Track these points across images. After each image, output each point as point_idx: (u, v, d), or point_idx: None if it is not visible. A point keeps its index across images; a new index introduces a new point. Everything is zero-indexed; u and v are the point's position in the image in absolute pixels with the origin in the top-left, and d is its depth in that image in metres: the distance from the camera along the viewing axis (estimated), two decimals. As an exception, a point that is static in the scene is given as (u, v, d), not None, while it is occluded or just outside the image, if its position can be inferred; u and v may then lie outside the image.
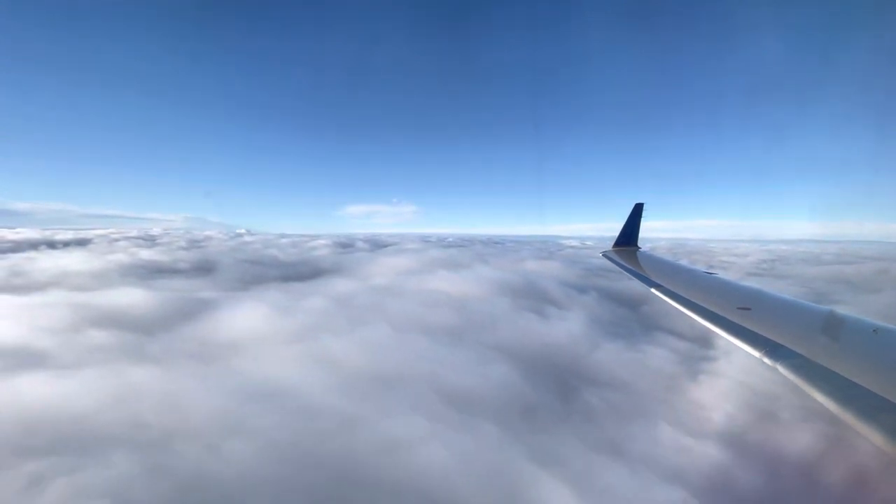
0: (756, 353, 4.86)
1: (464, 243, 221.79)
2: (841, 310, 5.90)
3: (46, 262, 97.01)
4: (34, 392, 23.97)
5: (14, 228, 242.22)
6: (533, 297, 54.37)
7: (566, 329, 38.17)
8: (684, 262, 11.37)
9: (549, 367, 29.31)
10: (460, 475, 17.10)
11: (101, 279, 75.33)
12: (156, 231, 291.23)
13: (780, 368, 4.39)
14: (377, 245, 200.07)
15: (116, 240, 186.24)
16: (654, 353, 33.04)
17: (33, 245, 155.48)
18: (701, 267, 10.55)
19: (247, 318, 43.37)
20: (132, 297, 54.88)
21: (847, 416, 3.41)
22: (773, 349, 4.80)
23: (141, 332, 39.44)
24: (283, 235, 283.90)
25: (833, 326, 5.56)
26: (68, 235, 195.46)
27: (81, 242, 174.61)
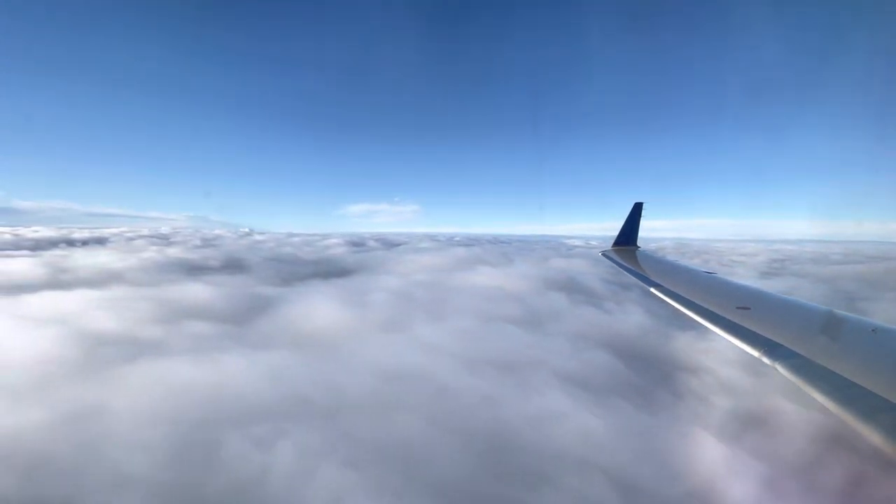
0: (755, 353, 4.87)
1: (473, 242, 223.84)
2: (840, 310, 5.97)
3: (83, 260, 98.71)
4: (182, 375, 26.15)
5: (30, 227, 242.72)
6: (583, 292, 56.87)
7: (635, 322, 40.62)
8: (684, 261, 11.22)
9: (639, 354, 31.70)
10: (619, 444, 19.43)
11: (152, 275, 77.32)
12: (164, 230, 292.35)
13: (780, 368, 4.39)
14: (389, 244, 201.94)
15: (132, 238, 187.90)
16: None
17: (53, 243, 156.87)
18: (704, 267, 10.44)
19: (325, 310, 45.59)
20: (200, 292, 57.06)
21: (846, 416, 3.40)
22: (772, 349, 4.82)
23: (230, 322, 41.63)
24: (291, 234, 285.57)
25: (832, 326, 5.61)
26: (84, 234, 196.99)
27: (99, 241, 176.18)
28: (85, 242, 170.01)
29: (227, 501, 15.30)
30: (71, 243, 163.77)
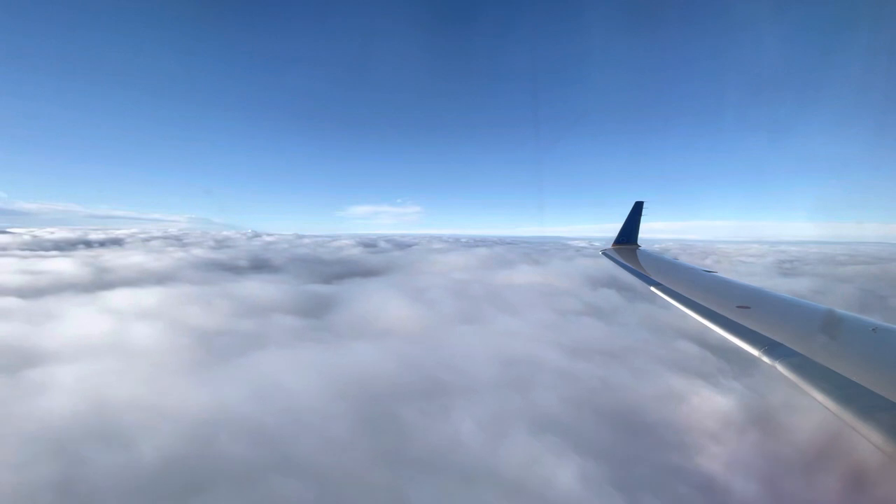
0: (755, 352, 4.87)
1: (482, 243, 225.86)
2: (840, 309, 6.01)
3: (118, 260, 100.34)
4: (317, 361, 28.21)
5: (44, 228, 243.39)
6: (629, 288, 59.13)
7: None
8: (683, 260, 11.49)
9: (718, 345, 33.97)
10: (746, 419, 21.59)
11: (200, 274, 79.13)
12: (173, 231, 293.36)
13: (779, 367, 4.41)
14: (400, 245, 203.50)
15: (147, 240, 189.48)
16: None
17: (72, 244, 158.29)
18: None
19: (394, 305, 47.69)
20: (261, 289, 58.93)
21: (846, 416, 3.42)
22: (772, 348, 4.82)
23: (310, 316, 43.60)
24: (299, 236, 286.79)
25: (832, 325, 5.63)
26: (100, 235, 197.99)
27: (116, 241, 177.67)
28: (102, 243, 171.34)
29: (431, 461, 17.39)
30: (89, 244, 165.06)
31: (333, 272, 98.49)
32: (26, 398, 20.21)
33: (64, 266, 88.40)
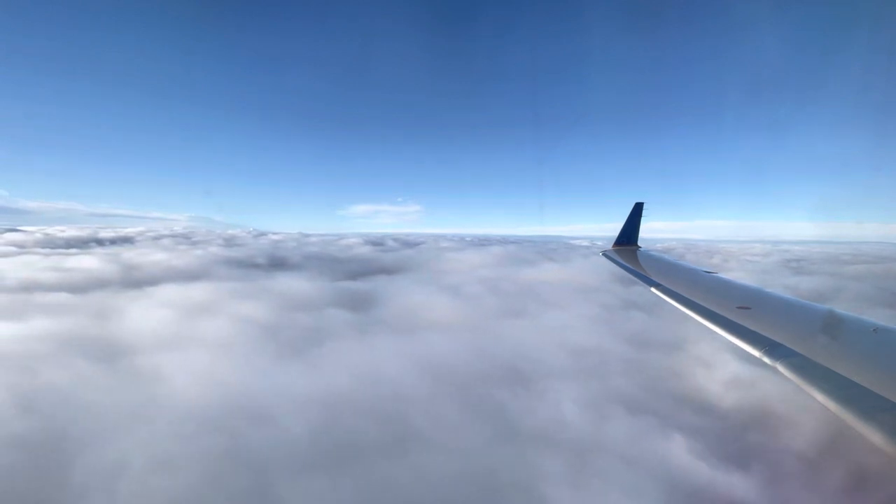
0: (756, 353, 4.89)
1: (488, 242, 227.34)
2: (840, 309, 6.03)
3: (142, 258, 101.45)
4: (394, 351, 29.76)
5: (54, 226, 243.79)
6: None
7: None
8: (683, 261, 11.70)
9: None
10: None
11: (228, 271, 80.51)
12: (178, 229, 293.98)
13: (780, 368, 4.42)
14: (408, 244, 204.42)
15: (156, 238, 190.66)
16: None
17: (84, 242, 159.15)
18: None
19: (436, 300, 49.28)
20: (297, 285, 60.47)
21: (847, 416, 3.44)
22: (772, 348, 4.83)
23: (358, 310, 45.09)
24: (304, 235, 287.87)
25: (833, 326, 5.64)
26: (110, 234, 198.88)
27: (126, 239, 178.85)
28: (114, 241, 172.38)
29: (548, 437, 18.98)
30: (101, 242, 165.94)
31: (355, 270, 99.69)
32: (151, 384, 21.69)
33: (90, 263, 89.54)
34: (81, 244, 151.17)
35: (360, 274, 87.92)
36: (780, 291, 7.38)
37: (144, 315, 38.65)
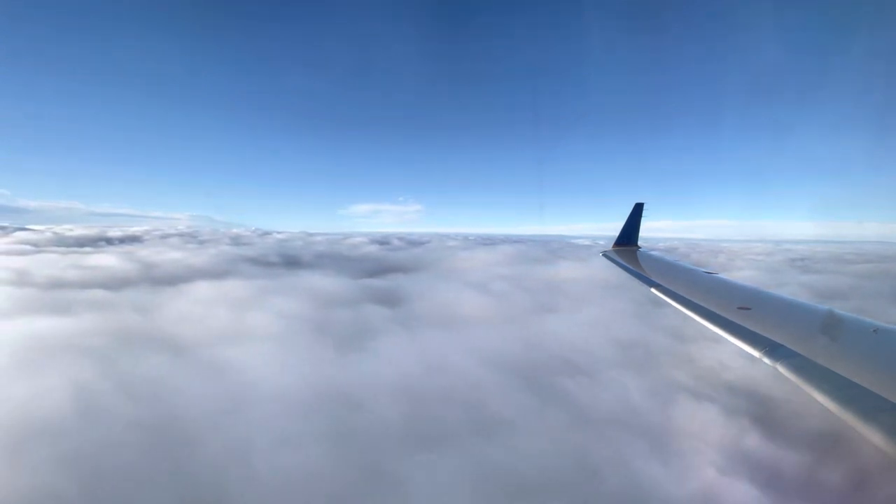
0: (756, 353, 4.89)
1: (493, 241, 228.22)
2: (840, 310, 6.03)
3: (158, 256, 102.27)
4: (453, 344, 30.78)
5: (62, 225, 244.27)
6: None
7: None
8: (683, 261, 11.68)
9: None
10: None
11: (253, 269, 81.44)
12: (182, 228, 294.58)
13: (780, 368, 4.43)
14: (414, 243, 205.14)
15: (164, 237, 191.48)
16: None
17: (93, 241, 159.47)
18: (708, 267, 10.57)
19: (465, 296, 50.35)
20: (325, 282, 61.46)
21: (847, 416, 3.45)
22: (772, 349, 4.83)
23: (393, 306, 46.10)
24: (308, 234, 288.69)
25: (833, 326, 5.63)
26: (118, 233, 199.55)
27: (134, 238, 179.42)
28: (122, 240, 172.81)
29: (623, 421, 20.03)
30: (110, 241, 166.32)
31: (372, 268, 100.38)
32: (235, 373, 22.70)
33: (110, 261, 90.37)
34: (91, 243, 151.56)
35: (378, 272, 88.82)
36: (781, 292, 7.34)
37: (193, 310, 39.62)
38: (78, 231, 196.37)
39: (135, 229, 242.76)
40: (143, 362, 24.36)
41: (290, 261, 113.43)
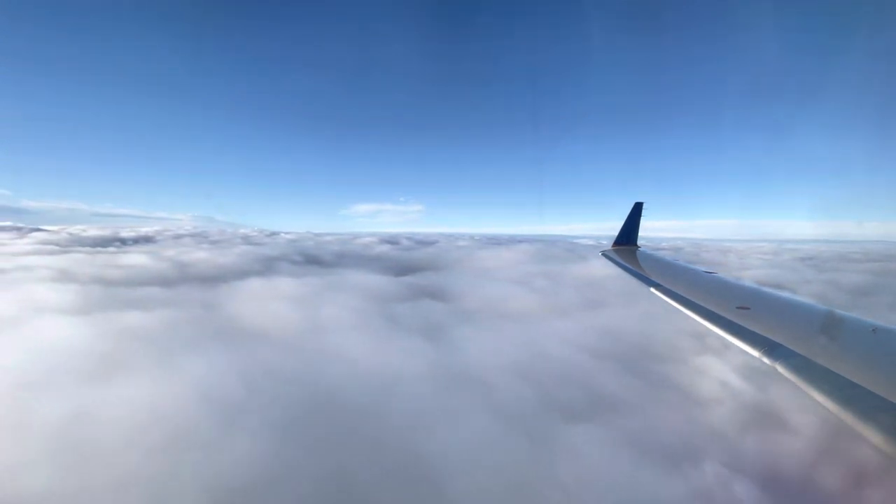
0: (755, 353, 4.90)
1: (499, 241, 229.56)
2: (840, 309, 6.03)
3: (183, 256, 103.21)
4: (525, 335, 32.40)
5: (75, 225, 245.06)
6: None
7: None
8: (683, 261, 11.67)
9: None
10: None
11: (290, 268, 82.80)
12: (189, 228, 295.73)
13: (780, 368, 4.43)
14: (423, 243, 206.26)
15: (176, 237, 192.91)
16: None
17: (109, 241, 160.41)
18: (702, 266, 10.62)
19: (512, 293, 51.98)
20: (365, 280, 62.97)
21: (846, 416, 3.44)
22: (772, 349, 4.84)
23: (445, 301, 47.62)
24: (315, 234, 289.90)
25: (832, 326, 5.62)
26: (131, 233, 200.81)
27: (148, 239, 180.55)
28: (136, 241, 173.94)
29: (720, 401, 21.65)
30: (124, 241, 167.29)
31: (399, 267, 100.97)
32: (360, 361, 24.30)
33: (143, 261, 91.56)
34: (107, 243, 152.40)
35: (408, 270, 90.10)
36: (780, 291, 7.32)
37: (269, 305, 41.09)
38: (92, 231, 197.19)
39: (145, 230, 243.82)
40: (262, 353, 25.93)
41: (313, 260, 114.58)
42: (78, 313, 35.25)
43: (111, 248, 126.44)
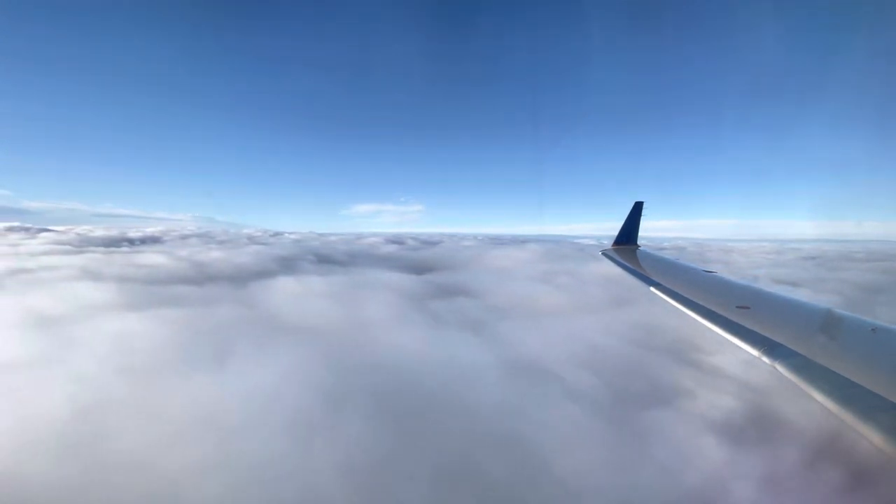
0: (755, 353, 4.91)
1: (503, 241, 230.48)
2: (839, 309, 6.04)
3: (199, 256, 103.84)
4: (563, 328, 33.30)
5: (82, 225, 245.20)
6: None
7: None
8: (683, 260, 11.72)
9: None
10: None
11: (314, 266, 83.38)
12: (193, 229, 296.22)
13: (779, 367, 4.45)
14: (428, 243, 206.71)
15: (183, 237, 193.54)
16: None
17: (117, 241, 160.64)
18: (700, 266, 10.57)
19: (540, 290, 52.91)
20: (394, 278, 63.83)
21: (846, 416, 3.44)
22: (771, 348, 4.85)
23: (476, 297, 48.50)
24: (320, 234, 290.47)
25: (832, 326, 5.66)
26: (138, 233, 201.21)
27: (155, 239, 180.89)
28: (144, 241, 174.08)
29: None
30: (132, 242, 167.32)
31: (415, 266, 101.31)
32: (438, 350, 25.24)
33: (160, 260, 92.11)
34: (116, 243, 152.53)
35: (426, 269, 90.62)
36: (780, 290, 7.34)
37: (309, 303, 41.92)
38: (99, 232, 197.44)
39: (150, 230, 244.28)
40: (335, 347, 26.91)
41: (326, 259, 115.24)
42: (130, 310, 35.98)
43: (123, 248, 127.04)
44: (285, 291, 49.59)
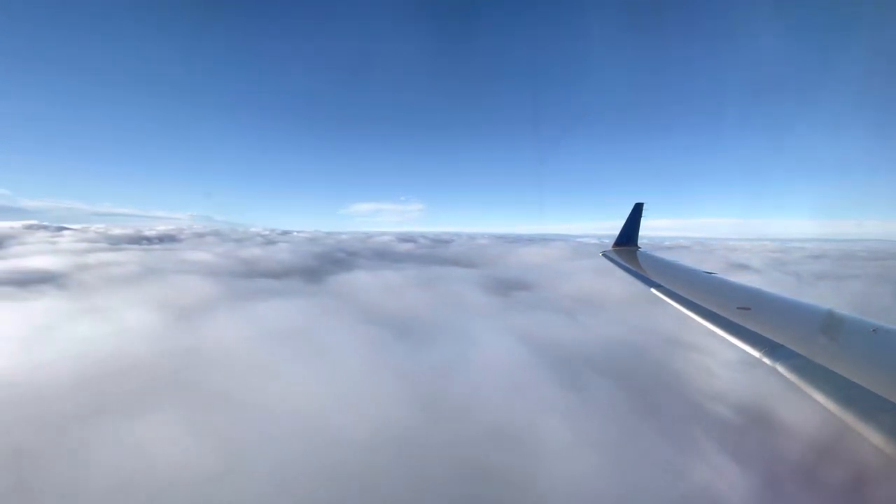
0: (756, 354, 4.93)
1: (510, 240, 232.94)
2: (840, 309, 6.04)
3: (239, 253, 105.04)
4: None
5: (99, 225, 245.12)
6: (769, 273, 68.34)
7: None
8: (683, 261, 11.76)
9: None
10: None
11: (366, 261, 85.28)
12: (199, 228, 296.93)
13: (780, 368, 4.46)
14: (440, 241, 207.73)
15: (199, 236, 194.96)
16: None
17: (136, 239, 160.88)
18: (702, 267, 10.71)
19: (601, 282, 55.95)
20: (460, 273, 66.50)
21: (847, 417, 3.46)
22: (772, 349, 4.85)
23: (531, 290, 51.38)
24: (328, 233, 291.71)
25: (833, 326, 5.64)
26: (153, 232, 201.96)
27: (171, 238, 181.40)
28: (161, 239, 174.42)
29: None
30: (150, 240, 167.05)
31: (452, 262, 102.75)
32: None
33: (207, 257, 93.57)
34: (135, 241, 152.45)
35: (470, 265, 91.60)
36: (780, 291, 7.35)
37: (402, 294, 44.88)
38: (116, 230, 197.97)
39: (162, 227, 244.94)
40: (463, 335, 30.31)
41: (369, 256, 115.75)
42: (254, 301, 38.59)
43: (156, 246, 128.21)
44: (372, 284, 52.12)
